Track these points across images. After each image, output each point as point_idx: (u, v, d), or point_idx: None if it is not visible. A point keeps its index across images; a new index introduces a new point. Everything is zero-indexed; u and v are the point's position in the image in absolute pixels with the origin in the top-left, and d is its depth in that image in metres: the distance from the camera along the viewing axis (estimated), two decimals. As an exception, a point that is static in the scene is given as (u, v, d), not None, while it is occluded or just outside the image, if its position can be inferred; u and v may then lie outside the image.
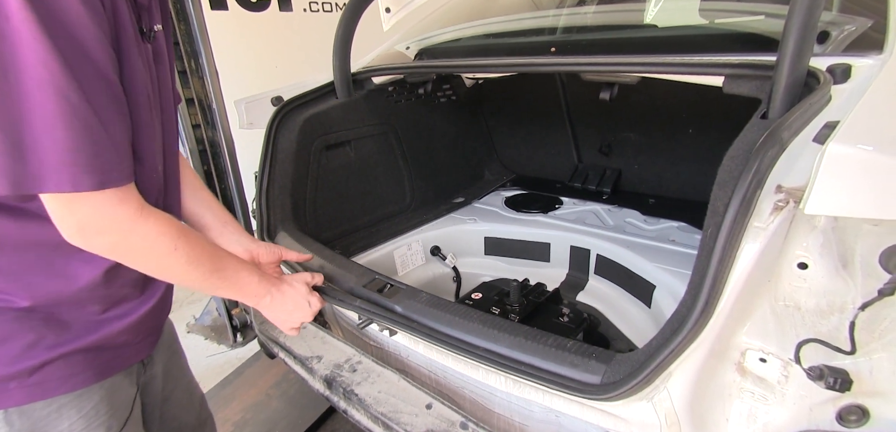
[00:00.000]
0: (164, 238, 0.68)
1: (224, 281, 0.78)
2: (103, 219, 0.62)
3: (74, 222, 0.61)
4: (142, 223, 0.65)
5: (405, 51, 1.78)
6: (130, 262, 0.68)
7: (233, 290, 0.81)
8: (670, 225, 1.57)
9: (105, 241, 0.64)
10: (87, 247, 0.63)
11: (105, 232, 0.63)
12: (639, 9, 1.60)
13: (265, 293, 0.87)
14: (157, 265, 0.70)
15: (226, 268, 0.79)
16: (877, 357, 0.59)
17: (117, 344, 0.76)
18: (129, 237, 0.65)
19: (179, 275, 0.72)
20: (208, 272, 0.75)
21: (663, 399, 0.70)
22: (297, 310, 0.92)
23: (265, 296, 0.87)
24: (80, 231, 0.62)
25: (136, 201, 0.65)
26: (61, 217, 0.61)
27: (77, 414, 0.71)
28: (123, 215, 0.63)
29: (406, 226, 1.66)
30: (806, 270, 0.63)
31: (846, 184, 0.54)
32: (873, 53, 0.86)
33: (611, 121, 1.86)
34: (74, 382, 0.70)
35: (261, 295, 0.86)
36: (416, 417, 0.95)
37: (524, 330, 0.84)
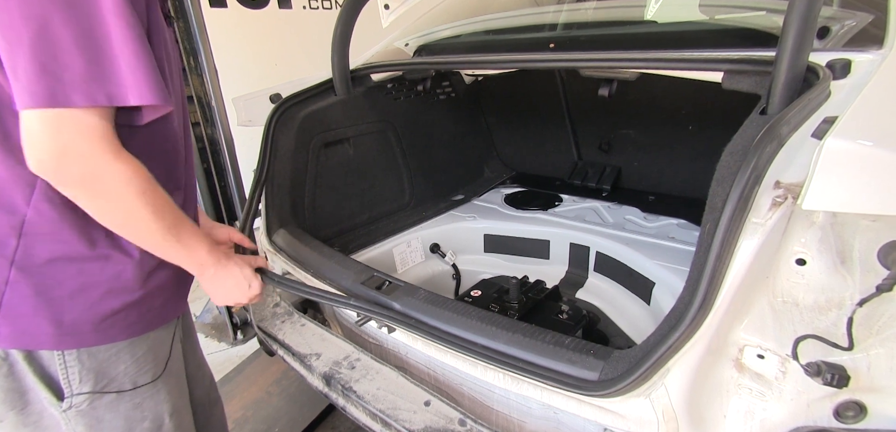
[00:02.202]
0: (136, 180, 0.68)
1: (178, 242, 0.77)
2: (85, 141, 0.62)
3: (57, 145, 0.61)
4: (118, 159, 0.65)
5: (404, 48, 1.78)
6: (95, 202, 0.67)
7: (181, 254, 0.80)
8: (670, 222, 1.57)
9: (77, 171, 0.63)
10: (56, 178, 0.63)
11: (82, 158, 0.63)
12: (639, 5, 1.60)
13: (210, 264, 0.86)
14: (122, 210, 0.69)
15: (182, 229, 0.78)
16: (874, 353, 0.59)
17: (158, 302, 0.82)
18: (103, 171, 0.64)
19: (140, 223, 0.71)
20: (167, 228, 0.74)
21: (661, 395, 0.70)
22: (236, 288, 0.92)
23: (209, 268, 0.86)
24: (61, 154, 0.62)
25: (115, 139, 0.66)
26: (44, 137, 0.61)
27: (130, 359, 0.80)
28: (106, 142, 0.64)
29: (405, 224, 1.66)
30: (804, 266, 0.63)
31: (844, 180, 0.53)
32: (873, 49, 0.85)
33: (611, 118, 1.86)
34: (131, 331, 0.79)
35: (205, 265, 0.85)
36: (414, 414, 0.95)
37: (522, 327, 0.84)
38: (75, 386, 0.75)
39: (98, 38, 0.60)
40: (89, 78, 0.60)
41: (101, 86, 0.61)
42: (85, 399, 0.76)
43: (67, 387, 0.75)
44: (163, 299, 0.84)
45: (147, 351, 0.82)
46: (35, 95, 0.58)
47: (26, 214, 0.67)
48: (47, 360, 0.73)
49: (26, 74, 0.58)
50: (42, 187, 0.67)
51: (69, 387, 0.75)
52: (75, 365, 0.74)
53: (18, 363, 0.73)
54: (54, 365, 0.73)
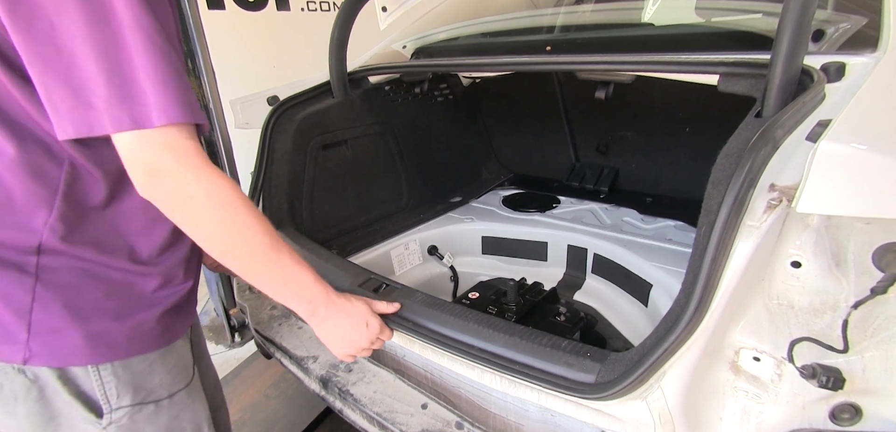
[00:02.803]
0: (225, 192, 0.64)
1: (280, 267, 0.70)
2: (169, 159, 0.60)
3: (145, 164, 0.60)
4: (206, 169, 0.62)
5: (402, 50, 1.78)
6: (187, 218, 0.64)
7: (288, 286, 0.73)
8: (667, 224, 1.57)
9: (168, 187, 0.61)
10: (152, 195, 0.62)
11: (170, 173, 0.61)
12: (635, 8, 1.60)
13: (321, 300, 0.76)
14: (215, 225, 0.65)
15: (283, 252, 0.70)
16: (869, 355, 0.59)
17: (182, 309, 0.80)
18: (191, 183, 0.62)
19: (234, 242, 0.66)
20: (267, 248, 0.68)
21: (657, 398, 0.70)
22: (355, 331, 0.80)
23: (320, 306, 0.76)
24: (150, 175, 0.60)
25: (198, 145, 0.63)
26: (134, 159, 0.60)
27: (164, 369, 0.77)
28: (190, 154, 0.61)
29: (403, 226, 1.66)
30: (799, 269, 0.63)
31: (838, 183, 0.54)
32: (867, 51, 0.86)
33: (608, 120, 1.86)
34: (162, 340, 0.76)
35: (317, 300, 0.75)
36: (411, 417, 0.95)
37: (519, 330, 0.84)
38: (114, 402, 0.72)
39: (118, 58, 0.58)
40: (112, 102, 0.57)
41: (124, 109, 0.58)
42: (125, 413, 0.73)
43: (106, 403, 0.72)
44: (185, 305, 0.81)
45: (177, 360, 0.80)
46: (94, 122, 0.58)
47: (43, 233, 0.65)
48: (82, 377, 0.70)
49: (64, 102, 0.57)
50: (59, 207, 0.65)
51: (108, 403, 0.72)
52: (111, 380, 0.71)
53: (50, 385, 0.70)
54: (90, 382, 0.71)
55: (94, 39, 0.56)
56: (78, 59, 0.56)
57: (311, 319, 0.78)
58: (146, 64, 0.58)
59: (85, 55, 0.56)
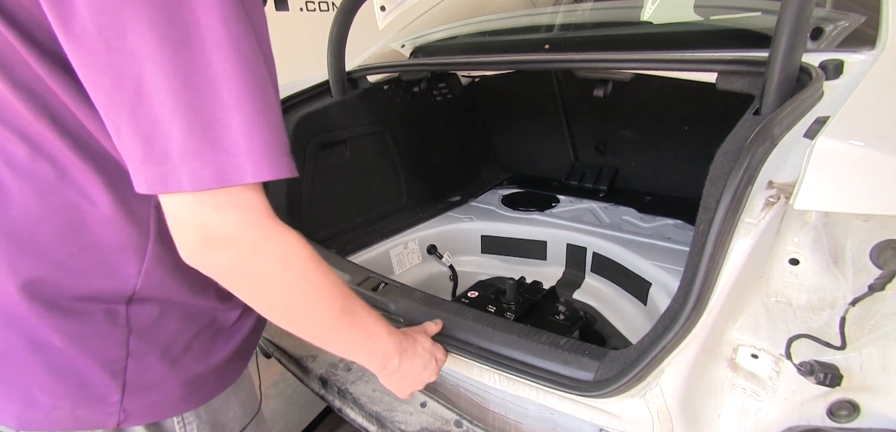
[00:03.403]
0: (297, 257, 0.53)
1: (353, 328, 0.63)
2: (233, 223, 0.47)
3: (198, 229, 0.47)
4: (278, 233, 0.51)
5: (400, 49, 1.78)
6: (254, 294, 0.53)
7: (359, 343, 0.65)
8: (666, 222, 1.57)
9: (227, 257, 0.48)
10: (203, 266, 0.49)
11: (231, 243, 0.48)
12: (634, 6, 1.60)
13: (395, 351, 0.70)
14: (288, 300, 0.54)
15: (356, 310, 0.63)
16: (867, 352, 0.59)
17: (254, 334, 0.75)
18: (262, 255, 0.50)
19: (308, 315, 0.57)
20: (338, 314, 0.59)
21: (655, 395, 0.70)
22: (426, 370, 0.76)
23: (394, 357, 0.70)
24: (204, 242, 0.47)
25: (265, 199, 0.50)
26: (186, 222, 0.47)
27: (236, 401, 0.73)
28: (255, 220, 0.48)
29: (402, 225, 1.66)
30: (797, 266, 0.63)
31: (835, 180, 0.54)
32: (866, 49, 0.86)
33: (607, 119, 1.86)
34: (234, 373, 0.71)
35: (391, 352, 0.69)
36: (410, 415, 0.95)
37: (518, 328, 0.84)
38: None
39: (200, 89, 0.43)
40: (190, 152, 0.43)
41: (204, 161, 0.44)
42: None
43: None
44: (256, 329, 0.76)
45: (248, 390, 0.77)
46: (148, 180, 0.45)
47: (138, 280, 0.57)
48: (168, 425, 0.65)
49: (135, 150, 0.44)
50: (153, 249, 0.57)
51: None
52: (194, 421, 0.66)
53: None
54: (173, 425, 0.66)
55: (169, 64, 0.41)
56: (147, 91, 0.42)
57: (383, 372, 0.71)
58: (237, 97, 0.44)
59: (156, 87, 0.41)
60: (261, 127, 0.45)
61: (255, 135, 0.45)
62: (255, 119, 0.45)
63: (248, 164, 0.45)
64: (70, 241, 0.53)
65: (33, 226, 0.51)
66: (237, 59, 0.44)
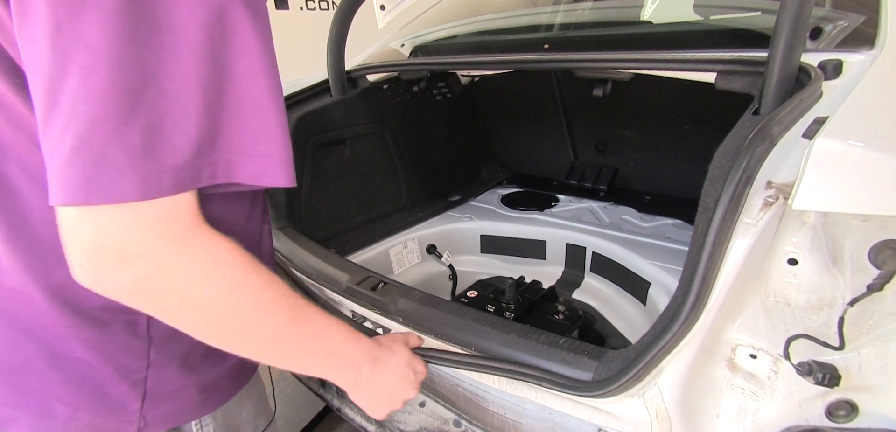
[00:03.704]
0: (224, 267, 0.46)
1: (308, 339, 0.56)
2: (144, 234, 0.41)
3: (94, 242, 0.41)
4: (195, 243, 0.44)
5: (400, 48, 1.78)
6: (162, 308, 0.46)
7: (317, 354, 0.58)
8: (666, 222, 1.57)
9: (129, 275, 0.42)
10: (93, 283, 0.43)
11: (136, 257, 0.41)
12: (634, 6, 1.60)
13: (365, 360, 0.63)
14: (211, 311, 0.47)
15: (311, 318, 0.56)
16: (865, 352, 0.59)
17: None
18: (168, 267, 0.43)
19: (243, 327, 0.50)
20: (285, 324, 0.52)
21: (654, 395, 0.70)
22: (403, 383, 0.68)
23: (364, 365, 0.63)
24: (98, 255, 0.41)
25: (191, 208, 0.44)
26: (79, 233, 0.41)
27: (249, 403, 0.73)
28: (171, 230, 0.42)
29: (402, 225, 1.66)
30: (796, 266, 0.63)
31: (834, 180, 0.54)
32: (865, 49, 0.86)
33: (607, 118, 1.86)
34: (246, 375, 0.71)
35: (359, 360, 0.63)
36: (409, 415, 0.95)
37: (517, 328, 0.84)
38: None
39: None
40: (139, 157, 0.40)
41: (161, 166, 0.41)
42: None
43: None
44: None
45: (259, 392, 0.76)
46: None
47: None
48: (187, 430, 0.65)
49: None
50: None
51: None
52: (210, 423, 0.66)
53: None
54: (191, 429, 0.65)
55: (127, 60, 0.38)
56: (93, 86, 0.37)
57: (354, 387, 0.64)
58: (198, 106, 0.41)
59: (106, 84, 0.38)
60: (235, 132, 0.44)
61: (230, 138, 0.44)
62: (233, 124, 0.44)
63: (207, 167, 0.42)
64: None
65: (54, 235, 0.48)
66: (212, 67, 0.41)
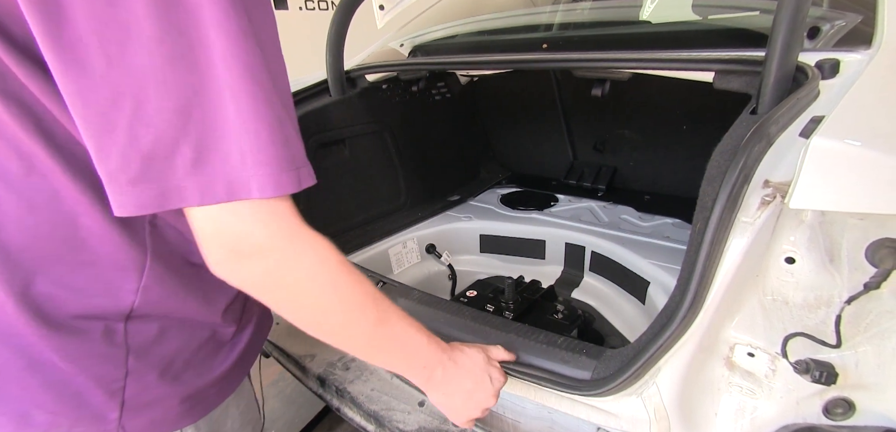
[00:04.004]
0: (327, 266, 0.52)
1: (389, 340, 0.60)
2: (262, 234, 0.46)
3: (227, 241, 0.46)
4: (305, 242, 0.49)
5: (399, 48, 1.78)
6: (279, 298, 0.52)
7: (397, 354, 0.62)
8: (665, 221, 1.58)
9: (258, 268, 0.48)
10: (232, 278, 0.49)
11: (261, 253, 0.47)
12: (632, 5, 1.61)
13: (437, 361, 0.65)
14: (312, 305, 0.53)
15: (391, 319, 0.59)
16: (862, 350, 0.60)
17: (254, 343, 0.74)
18: (285, 262, 0.49)
19: (335, 323, 0.55)
20: (373, 323, 0.57)
21: (653, 394, 0.70)
22: (479, 389, 0.69)
23: (437, 367, 0.65)
24: (233, 253, 0.47)
25: (294, 207, 0.49)
26: (214, 235, 0.46)
27: (236, 411, 0.73)
28: (285, 228, 0.48)
29: (401, 225, 1.66)
30: (793, 265, 0.63)
31: (830, 179, 0.54)
32: (862, 49, 0.86)
33: (606, 118, 1.87)
34: (234, 383, 0.71)
35: (433, 362, 0.65)
36: (408, 415, 0.95)
37: (517, 327, 0.84)
38: None
39: (207, 105, 0.42)
40: (196, 167, 0.43)
41: (213, 176, 0.44)
42: None
43: None
44: (257, 337, 0.74)
45: (247, 401, 0.76)
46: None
47: (136, 297, 0.56)
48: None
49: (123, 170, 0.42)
50: (152, 268, 0.56)
51: None
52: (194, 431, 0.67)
53: None
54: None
55: (175, 81, 0.41)
56: (149, 109, 0.41)
57: (428, 385, 0.67)
58: (244, 114, 0.43)
59: (160, 106, 0.41)
60: (270, 142, 0.45)
61: (265, 150, 0.44)
62: (265, 135, 0.44)
63: (257, 177, 0.44)
64: (67, 258, 0.52)
65: (29, 242, 0.50)
66: (245, 77, 0.43)
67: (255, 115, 0.44)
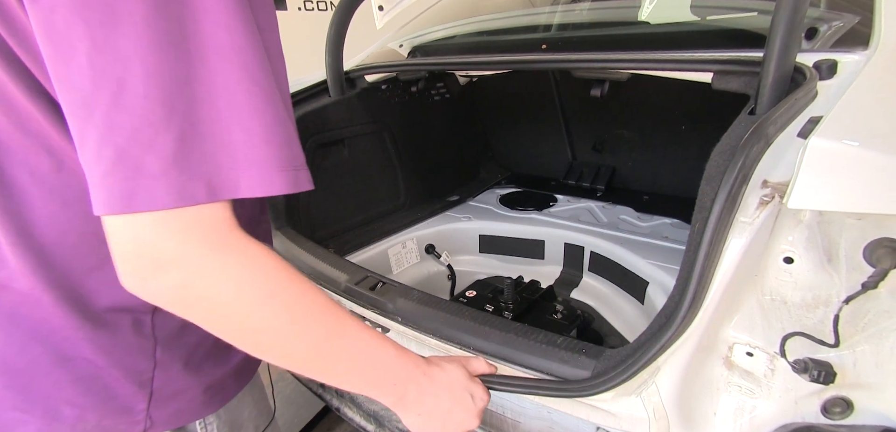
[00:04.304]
0: (259, 276, 0.45)
1: (344, 355, 0.52)
2: (175, 241, 0.41)
3: (135, 250, 0.41)
4: (229, 250, 0.43)
5: (398, 49, 1.78)
6: (202, 316, 0.45)
7: (357, 371, 0.55)
8: (664, 221, 1.58)
9: (169, 282, 0.42)
10: (143, 293, 0.43)
11: (172, 265, 0.41)
12: (631, 6, 1.61)
13: (411, 377, 0.59)
14: (247, 321, 0.46)
15: (348, 331, 0.52)
16: (860, 349, 0.60)
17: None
18: (201, 274, 0.42)
19: (279, 338, 0.48)
20: (322, 337, 0.50)
21: (652, 393, 0.70)
22: (458, 407, 0.62)
23: (410, 385, 0.58)
24: (142, 266, 0.41)
25: (226, 216, 0.43)
26: (122, 242, 0.41)
27: (251, 401, 0.74)
28: (204, 236, 0.42)
29: (400, 225, 1.66)
30: (792, 264, 0.63)
31: (829, 179, 0.54)
32: (859, 49, 0.87)
33: (605, 118, 1.87)
34: (249, 374, 0.72)
35: (404, 380, 0.58)
36: (408, 414, 0.95)
37: (516, 327, 0.84)
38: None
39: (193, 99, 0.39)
40: (176, 165, 0.39)
41: (194, 175, 0.40)
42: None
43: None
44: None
45: (260, 391, 0.77)
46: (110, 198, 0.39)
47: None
48: (191, 429, 0.66)
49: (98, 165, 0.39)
50: None
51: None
52: (214, 422, 0.67)
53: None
54: (196, 429, 0.66)
55: (161, 69, 0.38)
56: (130, 96, 0.37)
57: (400, 405, 0.60)
58: (238, 111, 0.40)
59: (142, 93, 0.38)
60: (263, 140, 0.42)
61: (258, 147, 0.42)
62: (258, 131, 0.42)
63: (247, 176, 0.41)
64: (97, 252, 0.52)
65: (62, 238, 0.51)
66: (243, 72, 0.40)
67: (251, 112, 0.41)
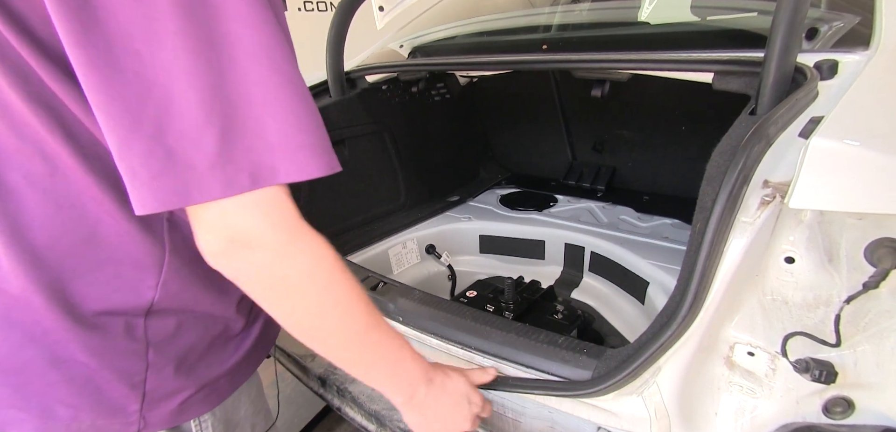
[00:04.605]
0: (324, 264, 0.50)
1: (378, 349, 0.59)
2: (260, 224, 0.45)
3: (226, 232, 0.45)
4: (302, 238, 0.48)
5: (399, 49, 1.78)
6: (271, 297, 0.50)
7: (383, 365, 0.60)
8: (664, 222, 1.58)
9: (255, 261, 0.46)
10: (227, 269, 0.48)
11: (259, 245, 0.46)
12: (632, 7, 1.61)
13: (422, 379, 0.64)
14: (306, 304, 0.51)
15: (381, 327, 0.59)
16: (861, 349, 0.60)
17: (266, 333, 0.75)
18: (283, 256, 0.47)
19: (327, 326, 0.53)
20: (363, 329, 0.56)
21: (653, 393, 0.70)
22: (457, 411, 0.69)
23: (420, 386, 0.64)
24: (231, 244, 0.46)
25: (294, 206, 0.48)
26: (214, 225, 0.45)
27: (248, 400, 0.75)
28: (283, 221, 0.46)
29: (401, 225, 1.66)
30: (793, 264, 0.63)
31: (830, 179, 0.54)
32: (860, 49, 0.87)
33: (605, 118, 1.87)
34: (245, 374, 0.72)
35: (416, 379, 0.64)
36: (409, 414, 0.95)
37: (516, 327, 0.84)
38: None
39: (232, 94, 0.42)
40: (223, 159, 0.42)
41: (238, 166, 0.43)
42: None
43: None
44: (269, 328, 0.75)
45: (258, 391, 0.77)
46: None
47: (156, 292, 0.57)
48: (186, 427, 0.67)
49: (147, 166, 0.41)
50: (170, 264, 0.57)
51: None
52: (209, 420, 0.68)
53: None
54: (190, 426, 0.67)
55: (201, 75, 0.40)
56: (176, 104, 0.40)
57: (408, 404, 0.65)
58: (271, 103, 0.43)
59: (186, 99, 0.40)
60: (295, 128, 0.45)
61: (291, 136, 0.44)
62: (290, 121, 0.44)
63: (284, 163, 0.44)
64: (89, 256, 0.53)
65: (55, 241, 0.52)
66: (270, 67, 0.43)
67: (281, 105, 0.44)
